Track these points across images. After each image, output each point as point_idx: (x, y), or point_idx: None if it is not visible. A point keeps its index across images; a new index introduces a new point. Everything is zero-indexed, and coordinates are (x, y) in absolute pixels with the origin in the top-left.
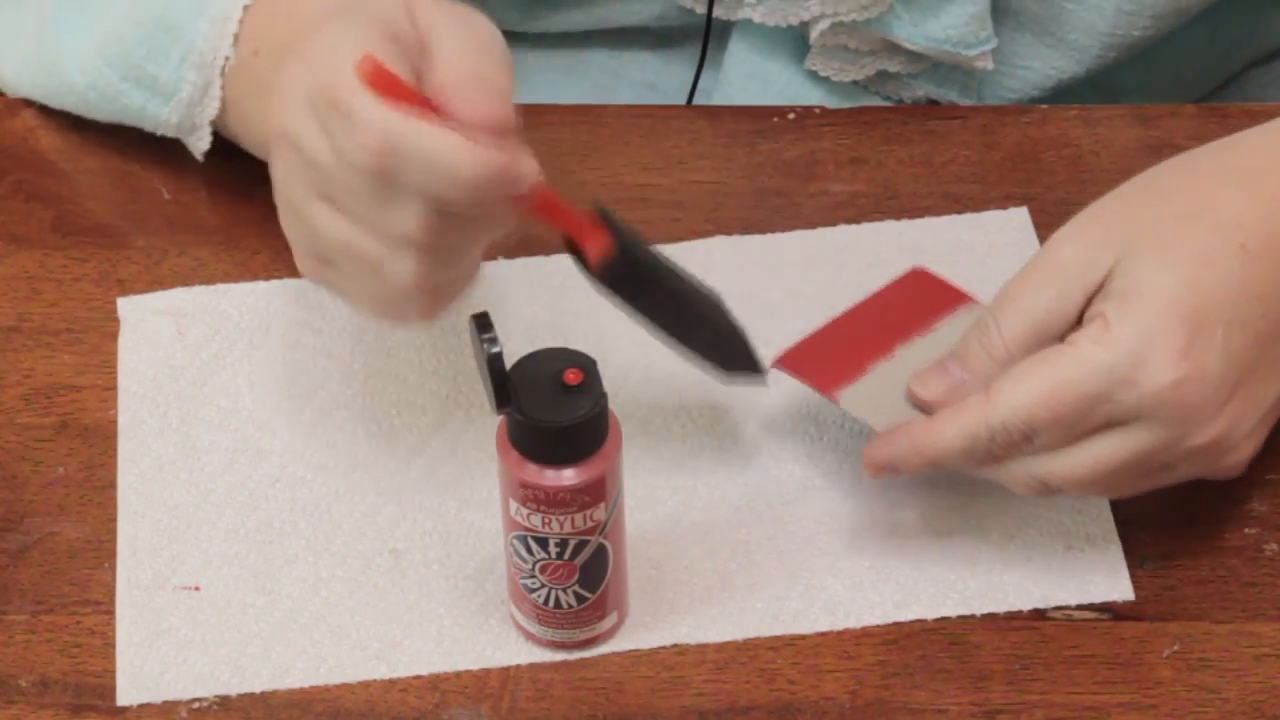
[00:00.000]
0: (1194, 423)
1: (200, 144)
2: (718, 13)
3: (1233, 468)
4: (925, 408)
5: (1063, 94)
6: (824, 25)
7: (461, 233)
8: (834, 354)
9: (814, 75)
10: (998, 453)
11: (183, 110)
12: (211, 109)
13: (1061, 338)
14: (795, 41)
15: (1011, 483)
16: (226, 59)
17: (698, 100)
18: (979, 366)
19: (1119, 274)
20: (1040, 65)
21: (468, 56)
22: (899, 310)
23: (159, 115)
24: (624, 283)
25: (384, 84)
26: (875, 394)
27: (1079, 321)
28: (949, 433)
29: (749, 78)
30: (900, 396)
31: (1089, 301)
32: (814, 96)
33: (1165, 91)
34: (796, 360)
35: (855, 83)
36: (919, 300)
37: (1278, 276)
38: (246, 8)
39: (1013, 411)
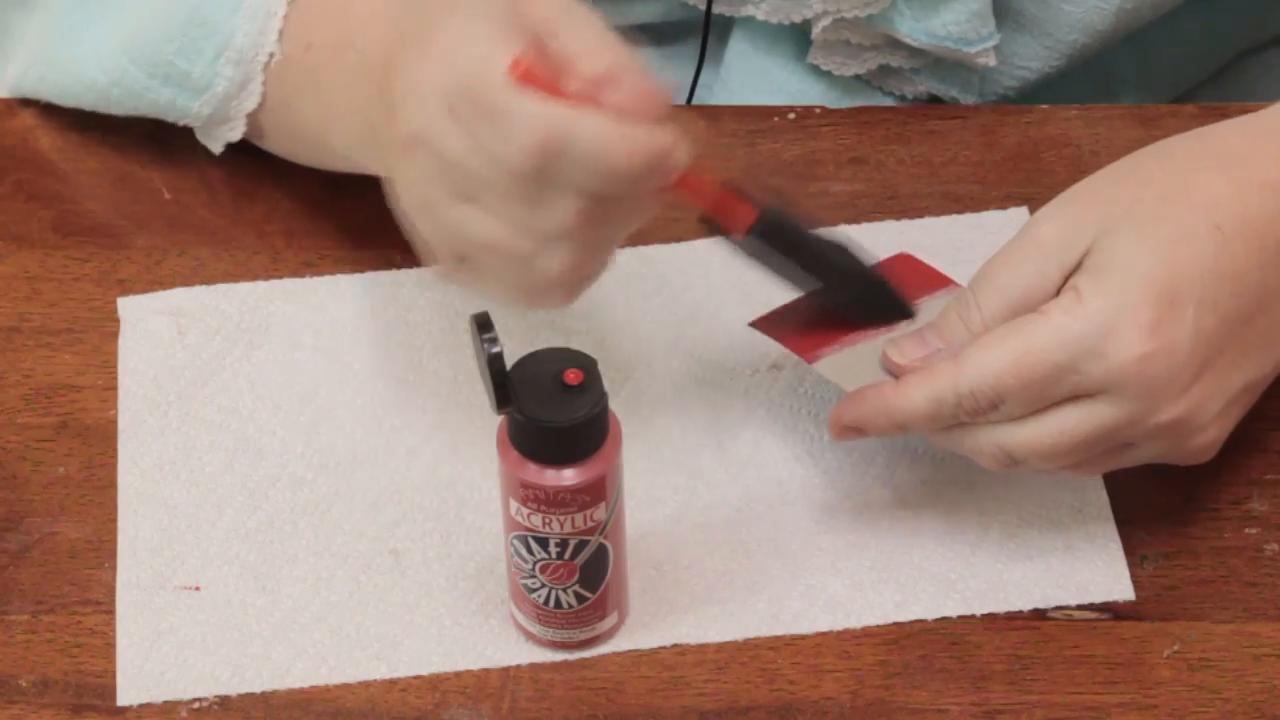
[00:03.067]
0: (1159, 399)
1: (232, 135)
2: (720, 9)
3: (1199, 452)
4: (898, 373)
5: (1060, 82)
6: (826, 22)
7: (613, 221)
8: (814, 321)
9: (815, 70)
10: (964, 418)
11: (216, 104)
12: (250, 102)
13: None
14: (797, 37)
15: (976, 452)
16: (271, 55)
17: (699, 95)
18: (955, 338)
19: (1095, 250)
20: (1039, 64)
21: (605, 45)
22: None
23: (188, 108)
24: (776, 246)
25: (538, 82)
26: (851, 362)
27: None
28: (916, 395)
29: (750, 73)
30: (875, 366)
31: (1065, 279)
32: (815, 91)
33: (1161, 79)
34: (774, 323)
35: (857, 77)
36: (903, 279)
37: (1251, 258)
38: (291, 2)
39: (980, 376)
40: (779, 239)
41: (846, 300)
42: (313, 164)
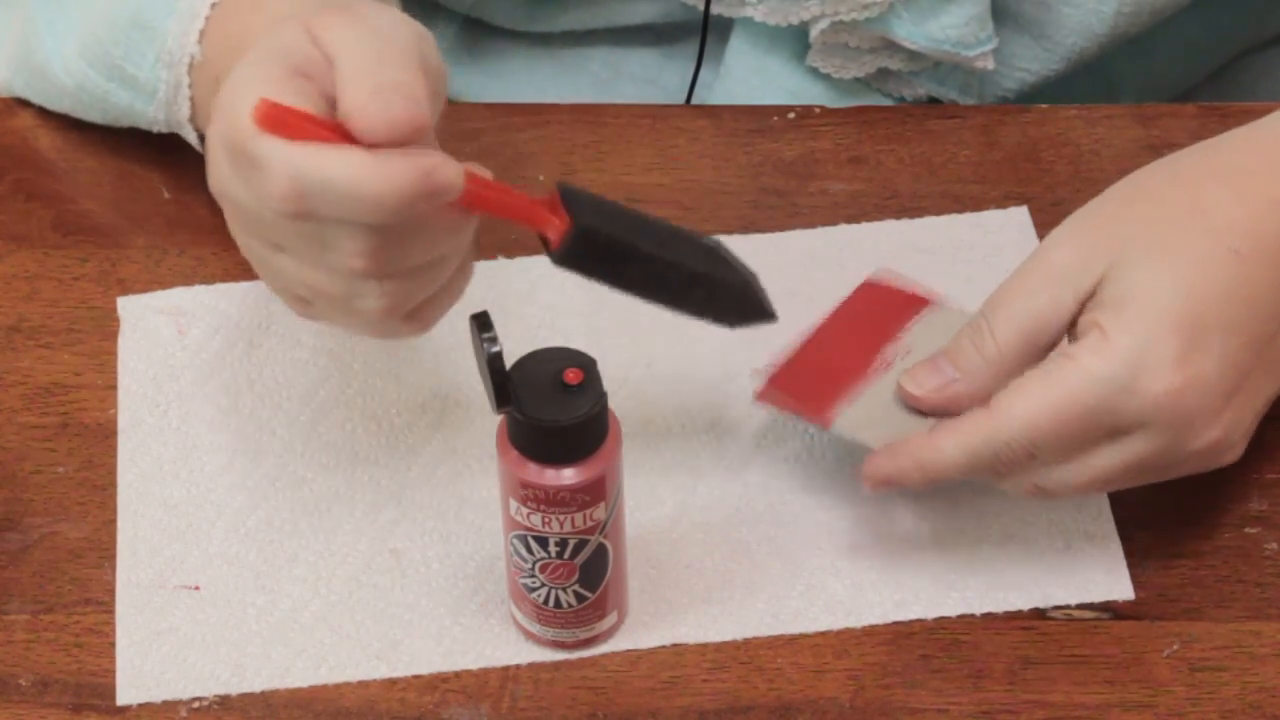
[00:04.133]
0: (1194, 428)
1: (190, 138)
2: (719, 10)
3: (1224, 464)
4: (916, 405)
5: (1060, 84)
6: (824, 24)
7: (417, 249)
8: (812, 378)
9: (814, 71)
10: (1000, 468)
11: (164, 108)
12: (185, 108)
13: (1053, 341)
14: (796, 37)
15: (1011, 490)
16: (193, 57)
17: (698, 95)
18: (970, 367)
19: (1113, 280)
20: (1039, 67)
21: (368, 67)
22: (863, 323)
23: (146, 113)
24: (592, 261)
25: (283, 123)
26: (868, 412)
27: (1071, 325)
28: (951, 449)
29: (750, 72)
30: (890, 409)
31: (1081, 306)
32: (814, 91)
33: (1161, 79)
34: (777, 391)
35: (857, 78)
36: (880, 310)
37: (1269, 279)
38: (214, 5)
39: (1016, 427)
40: (602, 246)
41: (694, 308)
42: None
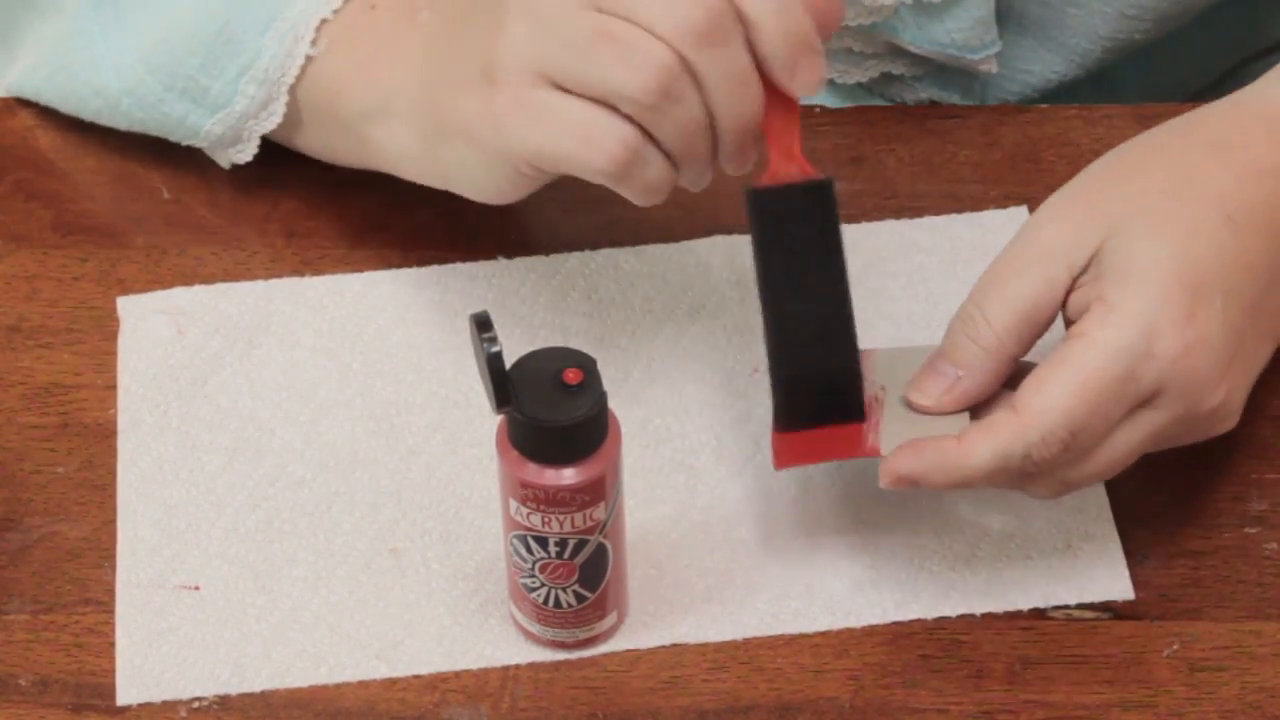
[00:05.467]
0: (1202, 391)
1: (241, 156)
2: None
3: (1225, 429)
4: (927, 413)
5: (1063, 92)
6: None
7: (708, 92)
8: (819, 436)
9: None
10: (1032, 468)
11: (231, 123)
12: (269, 123)
13: (1049, 320)
14: None
15: (1037, 493)
16: (304, 65)
17: None
18: (970, 360)
19: (1110, 251)
20: (1041, 68)
21: None
22: None
23: (199, 126)
24: (758, 218)
25: None
26: (898, 430)
27: (1064, 303)
28: (982, 452)
29: None
30: (917, 421)
31: (1074, 282)
32: (816, 97)
33: (1163, 87)
34: (794, 455)
35: (859, 84)
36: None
37: (1263, 246)
38: (320, 25)
39: (1050, 418)
40: (777, 221)
41: (776, 344)
42: (324, 145)
